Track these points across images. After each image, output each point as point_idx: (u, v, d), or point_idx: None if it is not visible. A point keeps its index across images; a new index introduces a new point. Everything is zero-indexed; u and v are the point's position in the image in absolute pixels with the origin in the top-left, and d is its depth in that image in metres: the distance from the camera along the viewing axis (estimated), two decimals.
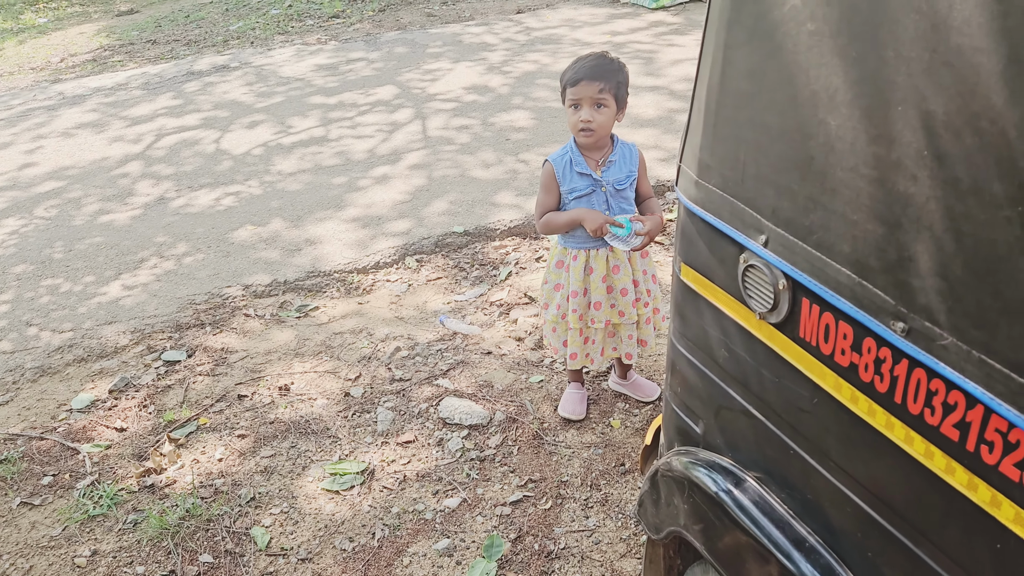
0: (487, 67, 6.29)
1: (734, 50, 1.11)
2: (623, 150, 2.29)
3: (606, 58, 2.19)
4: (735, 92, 1.13)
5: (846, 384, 1.06)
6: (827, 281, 1.04)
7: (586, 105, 2.14)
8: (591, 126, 2.15)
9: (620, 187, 2.27)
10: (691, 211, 1.29)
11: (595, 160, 2.25)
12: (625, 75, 2.19)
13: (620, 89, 2.17)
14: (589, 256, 2.33)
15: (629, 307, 2.38)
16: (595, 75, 2.12)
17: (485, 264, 3.63)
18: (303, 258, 3.74)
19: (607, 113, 2.15)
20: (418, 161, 4.64)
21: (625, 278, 2.35)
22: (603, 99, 2.13)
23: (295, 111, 5.68)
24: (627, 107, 2.24)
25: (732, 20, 1.10)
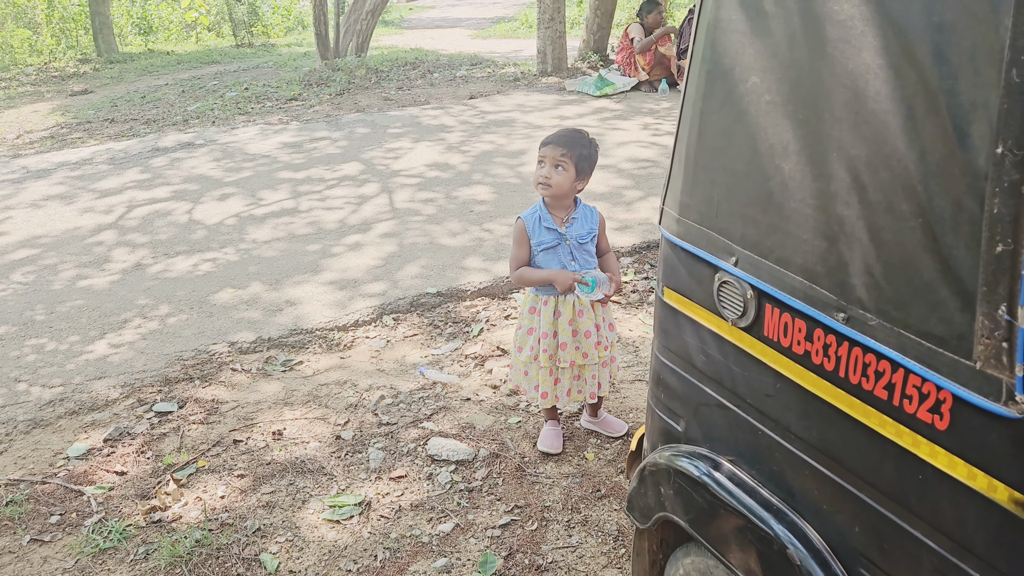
0: (446, 146, 6.70)
1: (709, 115, 1.45)
2: (585, 211, 2.66)
3: (579, 133, 2.58)
4: (710, 147, 1.47)
5: (802, 368, 1.37)
6: (785, 288, 1.36)
7: (548, 164, 2.51)
8: (548, 182, 2.51)
9: (582, 241, 2.63)
10: (673, 243, 1.61)
11: (560, 218, 2.62)
12: (591, 151, 2.57)
13: (582, 161, 2.53)
14: (558, 302, 2.66)
15: (592, 348, 2.67)
16: (562, 142, 2.51)
17: (458, 322, 3.90)
18: (285, 317, 3.96)
19: (564, 175, 2.51)
20: (388, 230, 4.94)
21: (588, 322, 2.65)
22: (563, 162, 2.50)
23: (264, 185, 5.95)
24: (588, 180, 2.61)
25: (706, 93, 1.45)
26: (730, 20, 1.37)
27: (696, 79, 1.48)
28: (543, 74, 9.49)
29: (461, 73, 10.57)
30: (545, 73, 9.47)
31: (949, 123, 1.07)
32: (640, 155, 6.15)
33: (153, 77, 12.52)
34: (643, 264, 4.35)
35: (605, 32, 10.07)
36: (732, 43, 1.37)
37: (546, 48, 9.40)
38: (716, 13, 1.40)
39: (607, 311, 2.77)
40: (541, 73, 9.51)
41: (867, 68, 1.15)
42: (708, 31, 1.43)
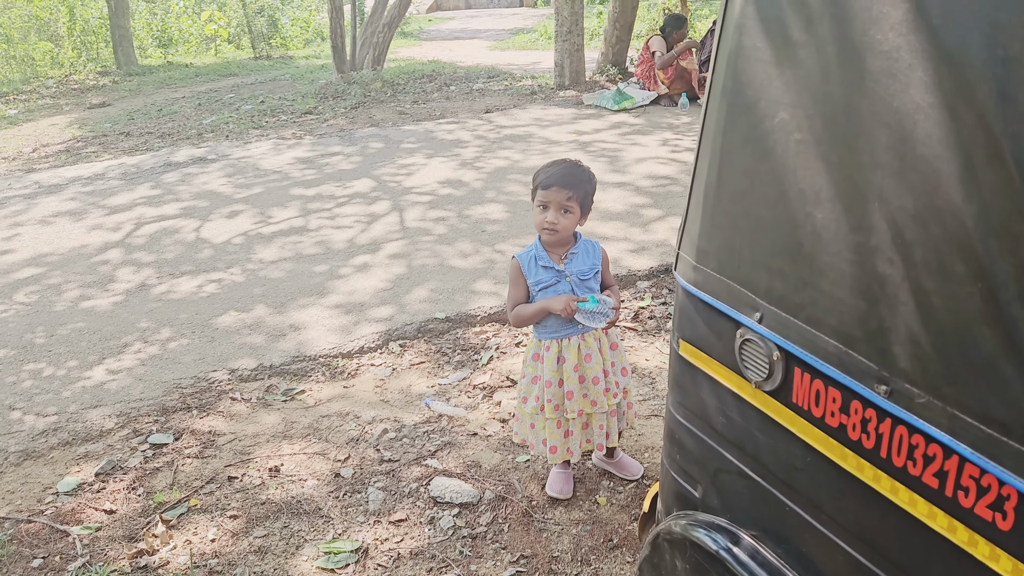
0: (460, 162, 6.57)
1: (730, 153, 1.29)
2: (586, 246, 2.47)
3: (578, 167, 2.37)
4: (731, 189, 1.31)
5: (836, 443, 1.21)
6: (817, 351, 1.19)
7: (553, 208, 2.31)
8: (555, 228, 2.32)
9: (584, 277, 2.43)
10: (690, 292, 1.45)
11: (558, 255, 2.43)
12: (593, 185, 2.38)
13: (587, 198, 2.35)
14: (561, 346, 2.45)
15: (600, 396, 2.47)
16: (566, 183, 2.30)
17: (467, 349, 3.75)
18: (288, 343, 3.83)
19: (571, 218, 2.33)
20: (397, 251, 4.80)
21: (596, 367, 2.45)
22: (570, 206, 2.31)
23: (275, 202, 5.84)
24: (591, 211, 2.43)
25: (727, 128, 1.29)
26: (754, 48, 1.21)
27: (716, 112, 1.32)
28: (560, 87, 9.35)
29: (478, 86, 10.47)
30: (563, 86, 9.33)
31: (1015, 172, 0.90)
32: (659, 172, 5.98)
33: (171, 90, 12.52)
34: (661, 288, 4.18)
35: (624, 45, 9.92)
36: (757, 74, 1.21)
37: (564, 61, 9.27)
38: (739, 40, 1.24)
39: (617, 354, 2.55)
40: (559, 86, 9.38)
41: (916, 107, 0.98)
42: (730, 60, 1.27)
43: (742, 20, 1.22)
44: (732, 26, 1.25)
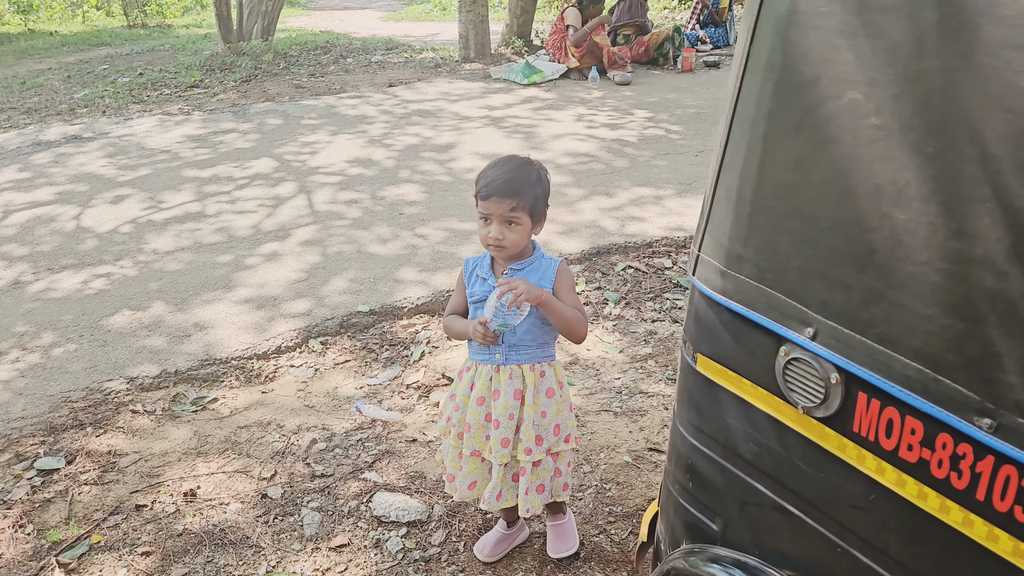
0: (368, 140, 6.20)
1: (776, 141, 1.09)
2: (540, 264, 1.99)
3: (525, 168, 1.93)
4: (777, 183, 1.11)
5: (912, 480, 1.04)
6: (892, 375, 1.01)
7: (496, 222, 1.90)
8: (501, 243, 1.91)
9: None
10: (716, 302, 1.25)
11: (503, 266, 2.01)
12: (544, 187, 1.95)
13: (537, 204, 1.92)
14: (477, 371, 2.06)
15: (497, 445, 2.02)
16: (508, 191, 1.87)
17: (395, 344, 3.48)
18: (194, 345, 3.45)
19: (519, 231, 1.91)
20: (309, 237, 4.45)
21: (501, 409, 2.00)
22: (515, 217, 1.89)
23: (165, 185, 5.34)
24: (545, 219, 1.99)
25: (774, 112, 1.09)
26: (815, 14, 1.00)
27: (756, 92, 1.11)
28: (465, 60, 9.04)
29: (377, 58, 10.02)
30: (468, 59, 9.03)
31: None
32: (578, 149, 5.80)
33: (34, 60, 11.47)
34: (594, 272, 4.01)
35: (529, 16, 9.68)
36: (817, 45, 1.01)
37: (468, 33, 8.95)
38: (791, 4, 1.03)
39: (556, 404, 2.05)
40: (463, 59, 9.06)
41: None
42: (778, 29, 1.06)
43: None
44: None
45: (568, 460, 2.14)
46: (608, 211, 4.65)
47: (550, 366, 2.04)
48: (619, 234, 4.35)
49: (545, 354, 2.03)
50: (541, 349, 2.02)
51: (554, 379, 2.05)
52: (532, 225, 1.93)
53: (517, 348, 1.99)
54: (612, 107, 7.02)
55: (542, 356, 2.02)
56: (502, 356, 2.00)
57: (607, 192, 4.94)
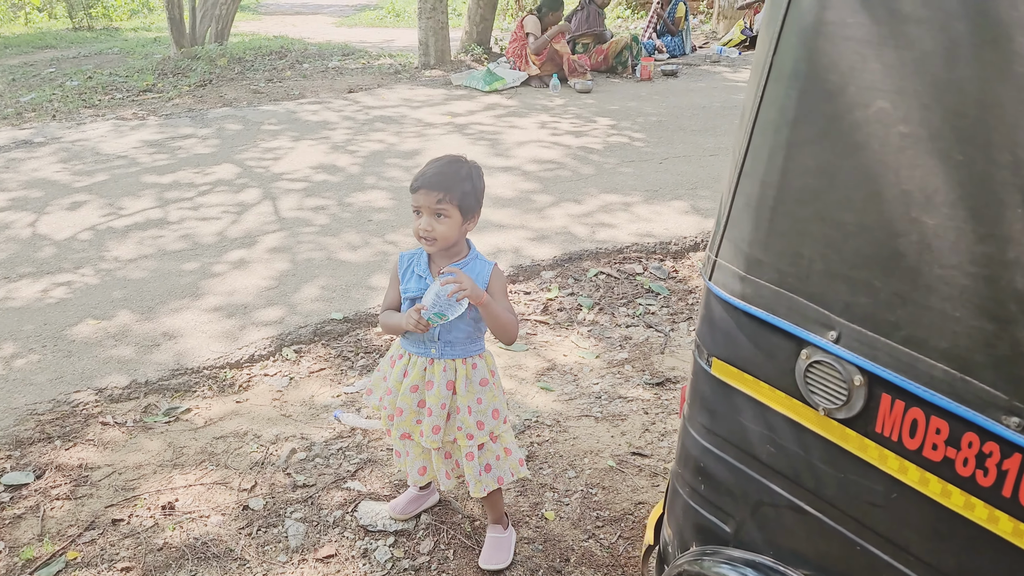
0: (331, 146, 6.14)
1: (801, 147, 1.11)
2: (475, 265, 2.07)
3: (454, 164, 2.02)
4: (800, 189, 1.13)
5: (935, 479, 1.06)
6: (918, 376, 1.04)
7: (426, 214, 1.98)
8: (431, 235, 1.99)
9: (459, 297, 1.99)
10: (734, 306, 1.26)
11: (441, 265, 2.07)
12: (474, 184, 2.01)
13: (466, 199, 1.99)
14: (410, 361, 2.15)
15: (428, 431, 2.11)
16: (436, 184, 1.96)
17: (370, 351, 3.45)
18: (163, 354, 3.37)
19: (448, 224, 1.98)
20: (277, 244, 4.39)
21: (434, 399, 2.09)
22: (443, 209, 1.96)
23: (124, 191, 5.21)
24: (479, 215, 2.06)
25: (799, 119, 1.11)
26: (843, 24, 1.03)
27: (780, 99, 1.13)
28: (425, 67, 9.02)
29: (333, 64, 9.93)
30: (428, 66, 9.01)
31: None
32: (543, 156, 5.83)
33: None
34: (566, 279, 4.03)
35: (488, 24, 9.70)
36: (845, 54, 1.04)
37: (428, 39, 8.93)
38: (819, 15, 1.06)
39: (490, 391, 2.14)
40: (423, 66, 9.04)
41: None
42: (804, 38, 1.08)
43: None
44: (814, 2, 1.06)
45: (511, 437, 2.26)
46: (578, 218, 4.68)
47: (481, 358, 2.14)
48: (590, 240, 4.38)
49: (476, 348, 2.13)
50: (473, 344, 2.12)
51: (486, 369, 2.15)
52: (463, 220, 2.01)
53: (451, 344, 2.08)
54: (575, 114, 7.07)
55: (474, 350, 2.12)
56: (437, 351, 2.09)
57: (576, 199, 4.97)
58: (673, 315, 3.75)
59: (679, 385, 3.18)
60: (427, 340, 2.08)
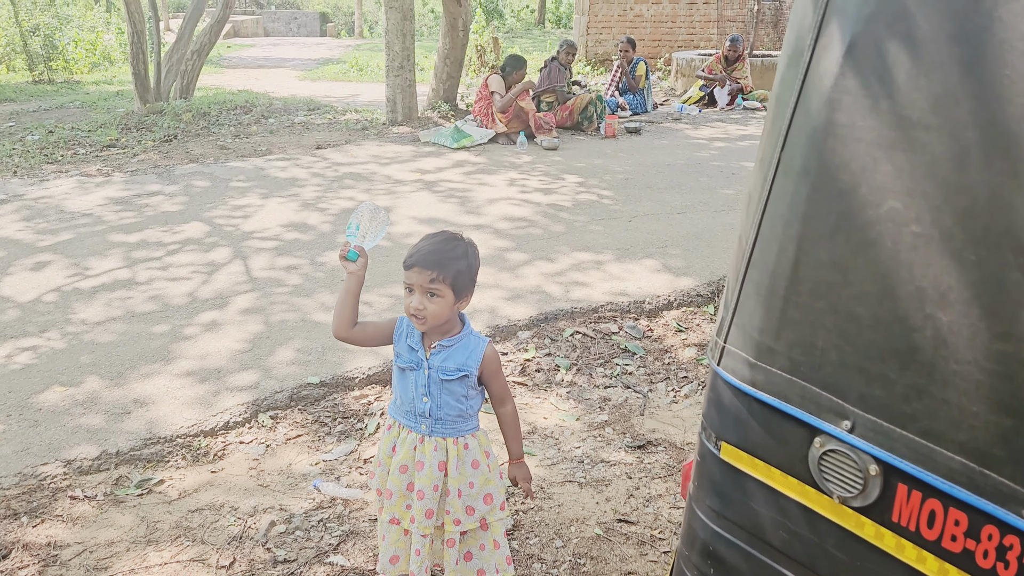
0: (301, 203, 6.13)
1: (812, 241, 1.14)
2: (468, 342, 2.03)
3: (451, 242, 1.98)
4: (812, 281, 1.16)
5: (955, 570, 1.08)
6: (936, 468, 1.06)
7: (418, 292, 1.94)
8: (422, 313, 1.94)
9: (446, 377, 2.00)
10: (743, 392, 1.28)
11: (432, 341, 2.04)
12: (469, 263, 1.98)
13: (460, 278, 1.95)
14: (399, 435, 2.09)
15: (421, 515, 2.04)
16: (430, 263, 1.92)
17: (348, 416, 3.40)
18: (135, 422, 3.28)
19: (440, 303, 1.93)
20: (249, 305, 4.33)
21: (425, 480, 2.03)
22: (436, 288, 1.92)
23: (91, 250, 5.12)
24: (472, 294, 2.02)
25: (809, 215, 1.14)
26: (853, 127, 1.07)
27: (790, 195, 1.16)
28: (393, 123, 9.09)
29: (300, 119, 9.96)
30: (395, 122, 9.08)
31: None
32: (514, 213, 5.88)
33: None
34: (543, 339, 4.04)
35: (455, 81, 9.84)
36: (856, 156, 1.07)
37: (396, 97, 9.02)
38: (829, 116, 1.10)
39: (482, 475, 2.08)
40: (391, 122, 9.11)
41: None
42: (813, 138, 1.12)
43: (836, 95, 1.08)
44: (820, 99, 1.10)
45: (503, 529, 2.18)
46: (551, 276, 4.71)
47: (474, 437, 2.08)
48: (565, 299, 4.40)
49: (469, 427, 2.08)
50: (466, 422, 2.07)
51: (479, 450, 2.08)
52: (455, 300, 1.97)
53: (442, 422, 2.03)
54: (543, 172, 7.16)
55: (466, 429, 2.07)
56: (428, 428, 2.04)
57: (548, 257, 5.01)
58: (650, 375, 3.77)
59: (660, 448, 3.19)
60: (416, 414, 2.04)
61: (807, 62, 1.12)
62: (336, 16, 34.61)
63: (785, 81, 1.17)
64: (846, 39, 1.05)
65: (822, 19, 1.09)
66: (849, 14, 1.06)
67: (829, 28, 1.08)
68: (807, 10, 1.13)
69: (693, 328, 4.21)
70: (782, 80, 1.18)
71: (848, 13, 1.06)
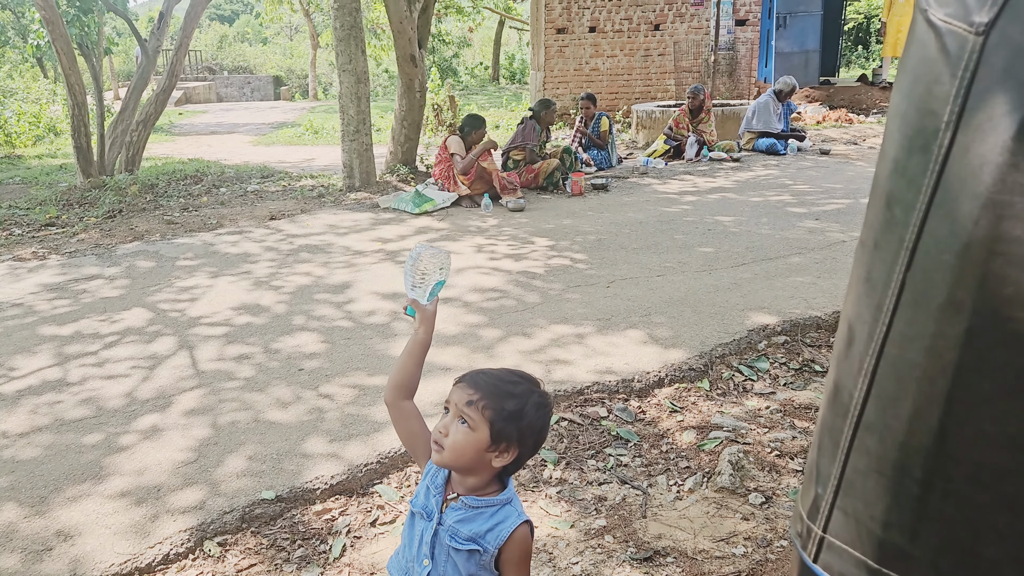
0: (254, 282, 5.70)
1: (972, 406, 0.78)
2: (499, 512, 1.59)
3: (516, 377, 1.61)
4: (974, 462, 0.79)
5: None
6: None
7: (452, 413, 1.57)
8: (440, 440, 1.57)
9: (456, 544, 1.58)
10: None
11: (458, 487, 1.63)
12: (525, 410, 1.55)
13: (506, 420, 1.53)
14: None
15: None
16: (477, 384, 1.57)
17: (309, 538, 2.95)
18: (56, 562, 2.79)
19: (466, 436, 1.54)
20: (195, 404, 3.88)
21: None
22: (468, 414, 1.54)
23: (17, 347, 4.63)
24: (518, 454, 1.57)
25: (965, 367, 0.78)
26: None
27: (927, 335, 0.81)
28: (351, 189, 8.73)
29: (253, 187, 9.57)
30: (353, 188, 8.73)
31: None
32: (484, 284, 5.52)
33: None
34: None
35: (413, 144, 9.55)
36: None
37: (353, 162, 8.68)
38: (994, 227, 0.75)
39: None
40: (348, 188, 8.75)
41: None
42: (968, 258, 0.77)
43: (1002, 196, 0.73)
44: (973, 204, 0.75)
45: None
46: (529, 354, 4.34)
47: None
48: (547, 381, 4.02)
49: None
50: None
51: None
52: (489, 444, 1.53)
53: None
54: (510, 236, 6.84)
55: None
56: None
57: (524, 332, 4.64)
58: (648, 466, 3.39)
59: (669, 559, 2.79)
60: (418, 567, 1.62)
61: (946, 147, 0.77)
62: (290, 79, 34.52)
63: (903, 172, 0.82)
64: (1018, 112, 0.71)
65: (971, 81, 0.75)
66: (1019, 72, 0.72)
67: (985, 95, 0.74)
68: (935, 67, 0.79)
69: (689, 407, 3.85)
70: (897, 170, 0.83)
71: (1018, 71, 0.72)
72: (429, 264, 1.70)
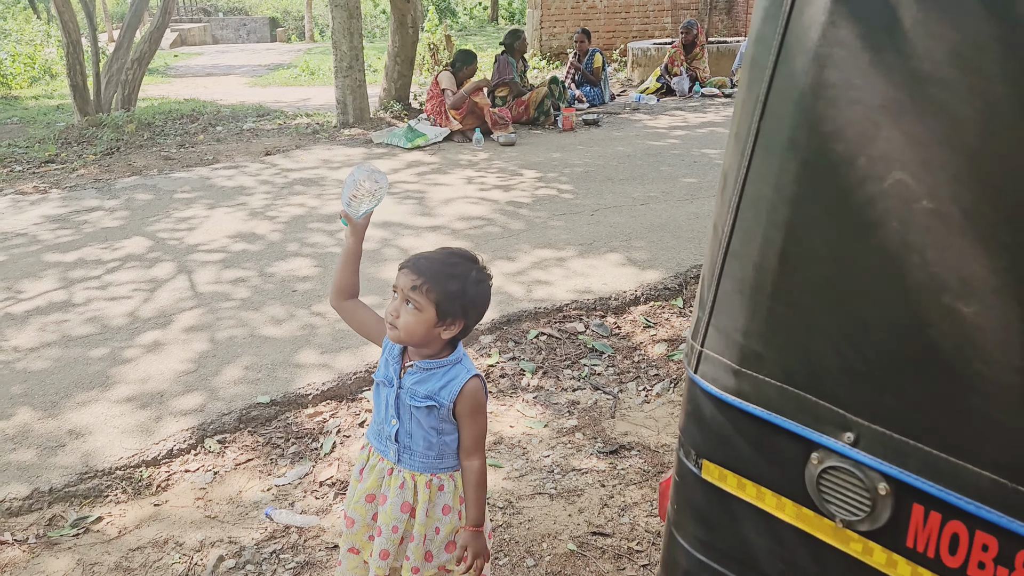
0: (249, 212, 5.88)
1: (804, 227, 0.98)
2: (451, 371, 1.76)
3: (454, 258, 1.76)
4: (805, 273, 0.99)
5: None
6: (959, 486, 0.90)
7: (399, 297, 1.73)
8: (394, 322, 1.72)
9: (415, 403, 1.76)
10: (727, 403, 1.11)
11: (413, 356, 1.81)
12: (465, 288, 1.71)
13: (448, 300, 1.68)
14: (368, 460, 1.89)
15: (376, 554, 1.84)
16: (419, 269, 1.71)
17: (302, 436, 3.19)
18: (70, 456, 3.03)
19: (415, 317, 1.69)
20: (194, 322, 4.09)
21: (387, 516, 1.82)
22: (414, 298, 1.69)
23: (24, 272, 4.83)
24: (464, 326, 1.74)
25: (798, 196, 0.97)
26: (851, 87, 0.90)
27: (773, 172, 1.00)
28: (344, 125, 8.84)
29: (248, 126, 9.66)
30: (347, 124, 8.83)
31: None
32: (471, 213, 5.69)
33: None
34: (506, 342, 3.86)
35: (407, 80, 9.62)
36: (853, 122, 0.91)
37: (346, 98, 8.77)
38: (818, 75, 0.93)
39: (450, 522, 1.84)
40: (342, 124, 8.86)
41: None
42: (800, 104, 0.95)
43: (826, 48, 0.91)
44: (806, 56, 0.94)
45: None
46: (512, 276, 4.53)
47: (451, 479, 1.83)
48: (527, 300, 4.23)
49: (445, 465, 1.83)
50: (441, 459, 1.82)
51: (453, 494, 1.83)
52: (436, 321, 1.70)
53: (411, 452, 1.81)
54: (500, 168, 6.98)
55: (441, 467, 1.82)
56: (395, 455, 1.82)
57: (508, 256, 4.83)
58: (620, 374, 3.61)
59: (633, 452, 3.03)
60: (385, 437, 1.84)
61: (787, 12, 0.95)
62: (286, 21, 34.04)
63: (761, 38, 1.00)
64: None
65: None
66: None
67: None
68: None
69: (662, 323, 4.06)
70: (757, 38, 1.01)
71: None
72: (365, 186, 1.86)
